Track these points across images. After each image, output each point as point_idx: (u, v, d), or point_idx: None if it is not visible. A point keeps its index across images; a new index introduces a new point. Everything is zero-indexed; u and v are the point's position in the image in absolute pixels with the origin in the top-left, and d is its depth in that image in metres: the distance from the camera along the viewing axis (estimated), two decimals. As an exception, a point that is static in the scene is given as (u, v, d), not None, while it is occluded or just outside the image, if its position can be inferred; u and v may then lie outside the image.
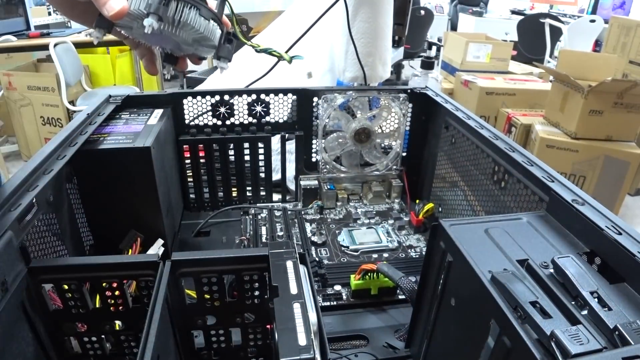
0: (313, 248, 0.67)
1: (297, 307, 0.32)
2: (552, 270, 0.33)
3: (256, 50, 0.50)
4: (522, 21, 3.48)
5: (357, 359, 0.49)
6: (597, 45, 3.23)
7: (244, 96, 0.71)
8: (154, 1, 0.38)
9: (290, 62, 0.53)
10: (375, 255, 0.66)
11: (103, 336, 0.41)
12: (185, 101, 0.70)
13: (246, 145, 0.72)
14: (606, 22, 2.71)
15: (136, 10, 0.38)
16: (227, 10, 0.46)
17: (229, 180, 0.74)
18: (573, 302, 0.30)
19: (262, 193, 0.77)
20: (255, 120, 0.73)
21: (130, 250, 0.56)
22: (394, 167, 0.79)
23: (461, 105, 0.67)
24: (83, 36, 2.52)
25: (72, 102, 2.37)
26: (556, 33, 3.19)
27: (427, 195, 0.77)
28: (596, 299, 0.30)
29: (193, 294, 0.41)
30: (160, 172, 0.58)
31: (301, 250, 0.40)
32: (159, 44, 0.45)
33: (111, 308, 0.39)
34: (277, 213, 0.75)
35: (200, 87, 0.99)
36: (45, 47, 2.31)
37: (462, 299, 0.37)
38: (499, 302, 0.30)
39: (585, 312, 0.29)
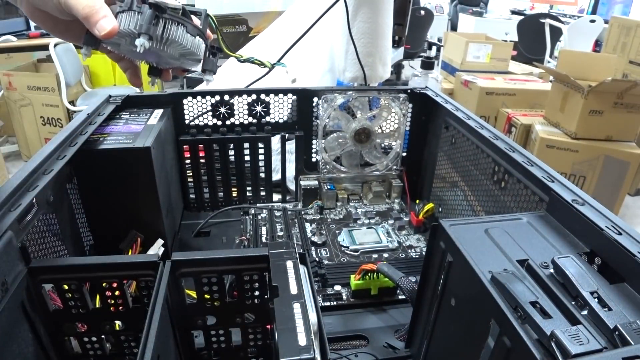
0: (313, 248, 0.67)
1: (297, 307, 0.32)
2: (552, 271, 0.33)
3: (239, 61, 0.52)
4: (522, 21, 3.48)
5: (357, 359, 0.49)
6: (597, 45, 3.23)
7: (244, 96, 0.71)
8: (144, 21, 0.39)
9: (271, 68, 0.55)
10: (375, 256, 0.66)
11: (103, 336, 0.41)
12: (185, 101, 0.70)
13: (246, 145, 0.72)
14: (606, 22, 2.71)
15: (126, 29, 0.39)
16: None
17: (229, 180, 0.74)
18: (573, 302, 0.30)
19: (262, 193, 0.77)
20: (255, 121, 0.73)
21: (130, 250, 0.56)
22: (394, 167, 0.79)
23: (461, 105, 0.67)
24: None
25: (72, 102, 2.37)
26: (556, 33, 3.19)
27: (427, 195, 0.77)
28: (596, 299, 0.30)
29: (193, 294, 0.41)
30: (160, 172, 0.58)
31: (301, 251, 0.40)
32: (145, 59, 0.46)
33: (111, 308, 0.39)
34: (277, 213, 0.75)
35: (200, 87, 0.99)
36: (45, 47, 2.31)
37: (462, 299, 0.37)
38: (499, 302, 0.30)
39: (585, 312, 0.29)
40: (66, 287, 0.37)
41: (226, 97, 0.71)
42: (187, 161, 0.72)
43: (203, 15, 0.44)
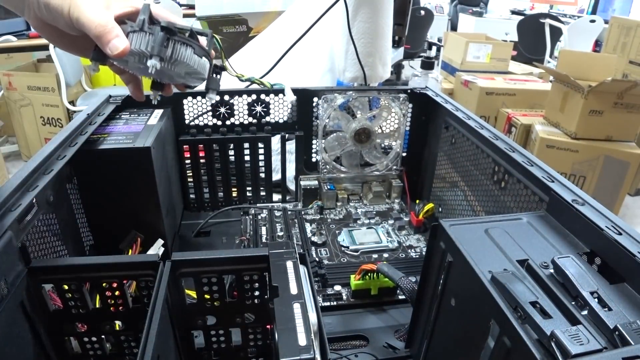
0: (313, 248, 0.67)
1: (297, 307, 0.32)
2: (552, 271, 0.33)
3: (240, 80, 0.54)
4: (522, 21, 3.47)
5: (357, 359, 0.49)
6: (597, 45, 3.23)
7: (244, 96, 0.71)
8: (156, 43, 0.40)
9: (271, 88, 0.58)
10: (375, 256, 0.66)
11: (103, 336, 0.41)
12: (185, 101, 0.70)
13: (246, 145, 0.72)
14: (606, 22, 2.71)
15: (137, 49, 0.40)
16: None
17: (229, 180, 0.75)
18: (573, 302, 0.30)
19: (262, 193, 0.77)
20: (255, 121, 0.73)
21: (130, 250, 0.56)
22: (394, 167, 0.79)
23: (461, 105, 0.67)
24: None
25: (72, 102, 2.37)
26: (556, 33, 3.19)
27: (427, 195, 0.77)
28: (596, 299, 0.30)
29: (193, 294, 0.41)
30: (161, 172, 0.58)
31: (301, 251, 0.40)
32: (151, 76, 0.46)
33: (111, 308, 0.39)
34: (277, 213, 0.75)
35: (200, 88, 0.99)
36: (45, 47, 2.30)
37: (462, 299, 0.37)
38: (499, 302, 0.30)
39: (585, 312, 0.29)
40: (66, 287, 0.37)
41: (226, 97, 0.71)
42: (187, 161, 0.72)
43: (209, 37, 0.45)
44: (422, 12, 3.35)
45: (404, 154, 0.79)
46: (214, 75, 0.47)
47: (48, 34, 0.43)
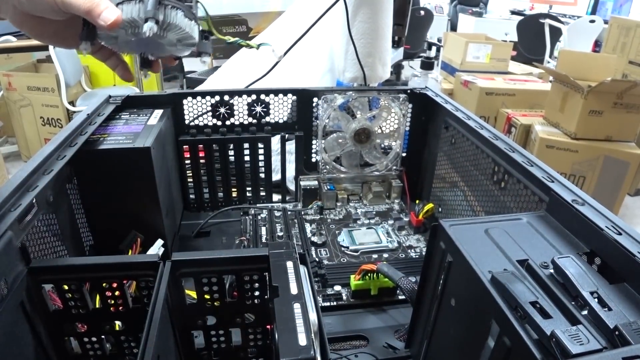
0: (313, 248, 0.67)
1: (297, 307, 0.32)
2: (552, 271, 0.33)
3: (227, 43, 0.54)
4: (522, 21, 3.48)
5: (357, 359, 0.49)
6: (597, 45, 3.23)
7: (244, 96, 0.71)
8: (150, 7, 0.40)
9: (257, 48, 0.57)
10: (375, 256, 0.66)
11: (103, 337, 0.41)
12: (185, 101, 0.70)
13: (246, 145, 0.72)
14: (606, 22, 2.71)
15: (130, 17, 0.40)
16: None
17: (229, 180, 0.75)
18: (573, 302, 0.30)
19: (262, 193, 0.77)
20: (255, 121, 0.73)
21: (130, 250, 0.56)
22: (394, 167, 0.79)
23: (461, 105, 0.67)
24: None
25: (72, 103, 2.37)
26: (556, 33, 3.20)
27: (427, 195, 0.77)
28: (596, 299, 0.30)
29: (193, 294, 0.41)
30: (160, 173, 0.58)
31: (301, 251, 0.40)
32: (141, 50, 0.47)
33: (111, 308, 0.39)
34: (277, 213, 0.75)
35: (200, 88, 0.99)
36: (45, 48, 2.31)
37: (462, 299, 0.37)
38: (499, 302, 0.30)
39: (585, 312, 0.29)
40: (66, 287, 0.37)
41: (226, 98, 0.71)
42: (187, 161, 0.72)
43: (194, 1, 0.45)
44: (422, 12, 3.35)
45: (404, 154, 0.79)
46: (203, 39, 0.47)
47: (30, 27, 0.42)
